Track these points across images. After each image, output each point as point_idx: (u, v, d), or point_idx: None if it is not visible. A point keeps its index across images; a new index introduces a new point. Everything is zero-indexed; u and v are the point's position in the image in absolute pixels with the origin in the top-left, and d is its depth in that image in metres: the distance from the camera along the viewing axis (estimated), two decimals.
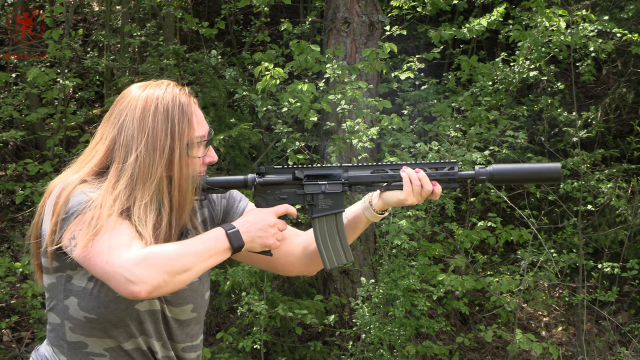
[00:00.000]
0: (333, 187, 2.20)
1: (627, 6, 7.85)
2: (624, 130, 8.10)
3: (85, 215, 2.01)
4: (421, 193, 2.19)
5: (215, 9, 9.20)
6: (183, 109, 2.11)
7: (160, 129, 2.09)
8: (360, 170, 2.21)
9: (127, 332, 2.11)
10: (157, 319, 2.15)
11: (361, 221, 2.28)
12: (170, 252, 1.97)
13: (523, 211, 6.26)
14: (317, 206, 2.20)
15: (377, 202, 2.23)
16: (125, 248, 1.96)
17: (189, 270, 1.98)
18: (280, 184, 2.18)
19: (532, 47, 6.55)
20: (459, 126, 6.19)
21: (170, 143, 2.08)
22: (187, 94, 2.16)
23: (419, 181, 2.18)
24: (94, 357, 2.12)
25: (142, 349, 2.14)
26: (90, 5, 9.52)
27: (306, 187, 2.19)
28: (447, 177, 2.20)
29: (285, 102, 5.81)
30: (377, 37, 6.85)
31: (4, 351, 5.98)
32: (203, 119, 2.19)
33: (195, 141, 2.12)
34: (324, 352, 6.17)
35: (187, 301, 2.19)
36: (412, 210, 5.86)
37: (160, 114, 2.09)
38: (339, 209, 2.21)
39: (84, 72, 8.14)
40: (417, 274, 5.65)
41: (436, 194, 2.20)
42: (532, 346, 5.69)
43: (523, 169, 2.21)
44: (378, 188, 2.21)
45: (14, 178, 7.14)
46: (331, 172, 2.21)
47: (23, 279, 6.05)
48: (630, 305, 7.17)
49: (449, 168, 2.21)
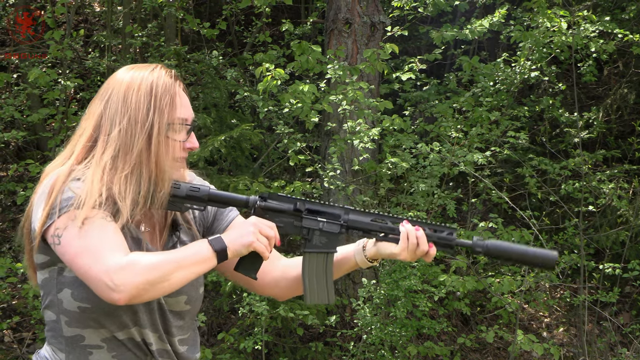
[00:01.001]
0: (331, 226, 2.18)
1: (628, 7, 7.85)
2: (625, 131, 8.09)
3: (69, 213, 2.04)
4: (416, 251, 2.17)
5: (216, 10, 9.20)
6: (166, 87, 2.16)
7: (142, 102, 2.13)
8: (361, 215, 2.20)
9: (120, 322, 2.11)
10: (152, 309, 2.15)
11: (349, 263, 2.27)
12: (152, 261, 1.99)
13: (524, 212, 6.25)
14: (311, 241, 2.18)
15: (371, 250, 2.23)
16: (108, 253, 1.98)
17: (170, 280, 2.00)
18: (281, 211, 2.16)
19: (534, 47, 6.55)
20: (460, 127, 6.18)
21: (150, 117, 2.13)
22: (172, 75, 2.20)
23: (416, 239, 2.17)
24: (92, 349, 2.12)
25: (136, 339, 2.14)
26: (92, 6, 9.52)
27: (305, 220, 2.17)
28: (445, 241, 2.20)
29: (287, 103, 5.81)
30: (378, 37, 6.85)
31: (5, 352, 5.98)
32: (188, 104, 2.22)
33: (177, 122, 2.16)
34: (325, 352, 6.17)
35: (181, 292, 2.18)
36: (413, 211, 5.86)
37: (143, 90, 2.14)
38: (332, 250, 2.19)
39: (85, 73, 8.14)
40: (419, 275, 5.65)
41: (430, 256, 2.19)
42: (533, 347, 5.69)
43: (519, 250, 2.20)
44: (375, 236, 2.20)
45: (16, 179, 7.14)
46: (332, 211, 2.19)
47: (24, 279, 6.04)
48: (632, 306, 7.16)
49: (448, 233, 2.20)
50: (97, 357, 2.13)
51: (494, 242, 2.19)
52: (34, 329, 6.08)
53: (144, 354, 2.17)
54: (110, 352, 2.13)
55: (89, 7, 9.49)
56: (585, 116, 7.45)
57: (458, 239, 2.20)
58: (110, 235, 2.03)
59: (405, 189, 6.14)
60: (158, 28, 7.98)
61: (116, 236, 2.04)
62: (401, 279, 5.58)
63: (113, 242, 2.01)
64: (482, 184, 6.36)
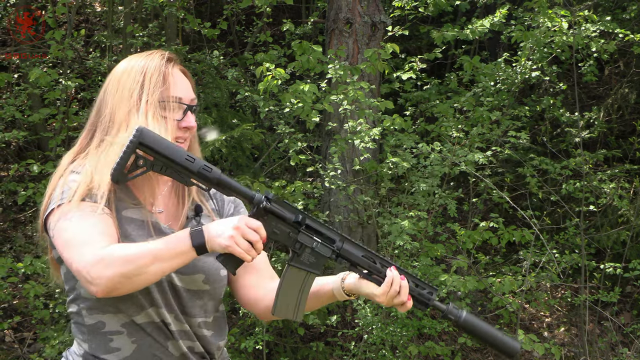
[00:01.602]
0: (324, 248, 2.16)
1: (629, 7, 7.85)
2: (626, 131, 8.09)
3: (61, 207, 2.09)
4: (394, 299, 2.16)
5: (217, 10, 9.20)
6: (156, 66, 2.21)
7: (133, 82, 2.19)
8: (355, 248, 2.18)
9: (136, 304, 2.12)
10: (163, 288, 2.15)
11: (325, 292, 2.26)
12: (127, 254, 1.99)
13: (525, 212, 6.25)
14: (300, 257, 2.15)
15: (350, 283, 2.21)
16: (88, 246, 2.01)
17: (147, 272, 1.99)
18: (281, 218, 2.12)
19: (535, 47, 6.55)
20: (461, 127, 6.18)
21: (139, 91, 2.18)
22: (166, 57, 2.24)
23: (398, 288, 2.16)
24: (112, 335, 2.14)
25: (155, 321, 2.15)
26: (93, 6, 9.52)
27: (301, 235, 2.14)
28: (422, 298, 2.21)
29: (287, 103, 5.81)
30: (379, 37, 6.85)
31: (6, 352, 5.98)
32: (187, 85, 2.25)
33: (170, 100, 2.18)
34: (326, 352, 6.17)
35: (197, 270, 2.19)
36: (414, 211, 5.86)
37: (134, 72, 2.21)
38: (316, 271, 2.17)
39: (86, 73, 8.14)
40: (420, 275, 5.65)
41: (405, 308, 2.19)
42: (534, 347, 5.69)
43: (487, 332, 2.23)
44: (360, 272, 2.19)
45: (17, 178, 7.14)
46: (330, 234, 2.17)
47: (25, 279, 6.05)
48: (633, 306, 7.16)
49: (428, 292, 2.21)
50: (117, 343, 2.14)
51: (469, 316, 2.22)
52: (34, 329, 6.08)
53: (165, 337, 2.17)
54: (130, 337, 2.14)
55: (90, 7, 9.49)
56: (586, 116, 7.45)
57: (435, 301, 2.21)
58: (92, 227, 2.04)
59: (406, 188, 6.14)
60: (159, 28, 7.98)
61: (99, 227, 2.05)
62: None
63: (95, 234, 2.03)
64: (483, 184, 6.36)
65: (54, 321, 5.85)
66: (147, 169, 2.06)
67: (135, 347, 2.14)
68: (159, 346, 2.16)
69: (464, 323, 2.21)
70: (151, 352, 2.15)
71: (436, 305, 2.21)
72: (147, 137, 2.04)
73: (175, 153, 2.06)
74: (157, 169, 2.07)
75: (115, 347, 2.14)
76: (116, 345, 2.14)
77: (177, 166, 2.06)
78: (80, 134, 2.25)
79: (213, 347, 2.26)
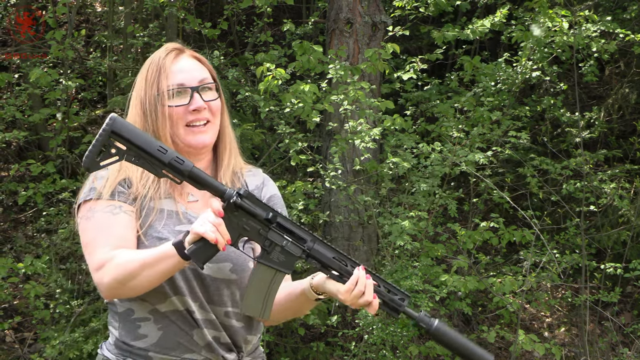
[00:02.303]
0: (294, 247, 2.14)
1: (629, 7, 7.85)
2: (626, 131, 8.09)
3: (86, 205, 2.18)
4: (359, 298, 2.14)
5: (217, 10, 9.21)
6: (153, 61, 2.27)
7: (140, 78, 2.28)
8: (326, 249, 2.16)
9: (160, 293, 2.16)
10: (187, 276, 2.19)
11: (297, 292, 2.26)
12: (122, 260, 2.06)
13: (526, 212, 6.25)
14: (269, 254, 2.14)
15: (318, 281, 2.20)
16: (98, 249, 2.10)
17: (139, 278, 2.05)
18: (252, 215, 2.11)
19: (535, 47, 6.55)
20: (461, 127, 6.18)
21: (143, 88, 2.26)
22: (168, 49, 2.29)
23: (363, 287, 2.14)
24: (140, 322, 2.20)
25: (179, 309, 2.18)
26: (93, 6, 9.52)
27: (271, 232, 2.13)
28: (394, 304, 2.19)
29: (288, 103, 5.81)
30: (379, 37, 6.85)
31: (7, 352, 5.98)
32: (193, 69, 2.27)
33: (166, 90, 2.22)
34: (327, 352, 6.17)
35: (225, 259, 2.21)
36: (414, 211, 5.86)
37: (143, 69, 2.29)
38: (285, 270, 2.16)
39: (86, 73, 8.14)
40: (420, 275, 5.65)
41: (372, 308, 2.16)
42: (534, 347, 5.69)
43: (459, 342, 2.20)
44: (329, 273, 2.17)
45: (17, 179, 7.15)
46: (301, 234, 2.15)
47: (26, 279, 6.05)
48: (633, 306, 7.16)
49: (400, 298, 2.20)
50: (145, 329, 2.20)
51: (440, 325, 2.20)
52: (35, 329, 6.08)
53: (190, 326, 2.20)
54: (157, 324, 2.19)
55: (91, 7, 9.49)
56: (587, 116, 7.45)
57: (407, 308, 2.19)
58: (107, 231, 2.12)
59: (407, 188, 6.14)
60: (159, 28, 7.98)
61: (114, 230, 2.12)
62: (403, 279, 5.58)
63: (106, 238, 2.11)
64: (484, 184, 6.36)
65: (55, 321, 5.85)
66: (120, 158, 2.06)
67: (161, 334, 2.19)
68: (184, 334, 2.19)
69: (435, 332, 2.19)
70: (176, 340, 2.19)
71: (407, 312, 2.19)
72: (120, 126, 2.03)
73: (147, 143, 2.05)
74: (129, 158, 2.06)
75: (142, 333, 2.19)
76: (143, 331, 2.19)
77: (148, 156, 2.05)
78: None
79: (241, 339, 2.28)
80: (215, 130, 2.28)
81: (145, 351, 2.19)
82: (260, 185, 2.40)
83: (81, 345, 5.43)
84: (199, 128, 2.23)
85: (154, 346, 2.18)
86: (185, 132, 2.22)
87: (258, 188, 2.39)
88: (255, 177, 2.41)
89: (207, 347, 2.21)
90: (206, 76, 2.28)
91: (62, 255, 6.34)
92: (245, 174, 2.39)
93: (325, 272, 2.18)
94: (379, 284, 2.19)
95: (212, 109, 2.26)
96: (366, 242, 6.65)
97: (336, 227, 6.65)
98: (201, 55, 2.35)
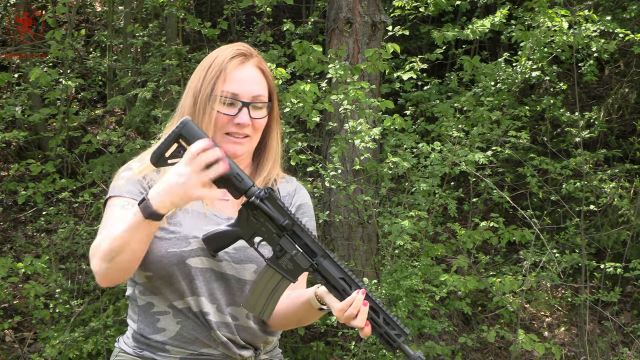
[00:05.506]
0: (303, 259, 2.16)
1: (629, 6, 7.85)
2: (626, 131, 8.10)
3: (109, 201, 2.22)
4: (351, 320, 2.14)
5: (217, 9, 9.21)
6: (218, 61, 2.26)
7: (200, 73, 2.27)
8: (333, 267, 2.17)
9: (177, 291, 2.19)
10: (207, 277, 2.20)
11: (303, 299, 2.26)
12: (102, 239, 2.08)
13: (525, 211, 6.25)
14: (279, 260, 2.16)
15: (322, 291, 2.20)
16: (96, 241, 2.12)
17: (122, 250, 2.04)
18: (270, 218, 2.13)
19: (535, 47, 6.55)
20: (461, 126, 6.18)
21: (198, 86, 2.25)
22: (235, 52, 2.28)
23: (356, 311, 2.14)
24: (159, 315, 2.22)
25: (193, 310, 2.20)
26: (93, 6, 9.53)
27: (284, 239, 2.15)
28: (389, 338, 2.19)
29: (288, 103, 5.81)
30: (379, 37, 6.85)
31: (7, 351, 5.98)
32: (252, 83, 2.26)
33: (219, 94, 2.22)
34: (327, 352, 6.17)
35: (249, 260, 2.23)
36: (414, 210, 5.86)
37: (204, 64, 2.28)
38: (291, 278, 2.18)
39: (86, 73, 8.15)
40: (420, 275, 5.65)
41: (363, 333, 2.16)
42: (534, 346, 5.69)
43: None
44: (332, 291, 2.18)
45: (17, 178, 7.15)
46: (313, 247, 2.17)
47: (25, 279, 6.05)
48: (633, 306, 7.16)
49: (397, 333, 2.18)
50: (163, 322, 2.22)
51: None
52: (35, 329, 6.09)
53: (204, 327, 2.22)
54: (175, 318, 2.22)
55: (90, 7, 9.49)
56: (587, 116, 7.45)
57: (402, 344, 2.17)
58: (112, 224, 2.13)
59: (407, 188, 6.14)
60: (159, 28, 7.98)
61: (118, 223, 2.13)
62: (402, 278, 5.58)
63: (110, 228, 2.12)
64: (484, 184, 6.36)
65: (54, 321, 5.86)
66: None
67: (179, 328, 2.21)
68: (201, 330, 2.21)
69: None
70: (194, 335, 2.21)
71: (403, 348, 2.18)
72: (188, 130, 2.07)
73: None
74: None
75: (161, 327, 2.22)
76: (162, 325, 2.22)
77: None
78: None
79: (259, 340, 2.29)
80: (252, 144, 2.30)
81: (162, 344, 2.22)
82: (292, 192, 2.41)
83: (81, 345, 5.44)
84: (236, 139, 2.24)
85: (172, 339, 2.21)
86: (222, 138, 2.23)
87: (290, 195, 2.40)
88: (289, 184, 2.42)
89: (222, 346, 2.23)
90: (262, 93, 2.28)
91: (62, 255, 6.34)
92: (280, 181, 2.40)
93: (327, 288, 2.19)
94: (380, 314, 2.19)
95: (255, 126, 2.27)
96: (366, 241, 6.65)
97: (336, 227, 6.66)
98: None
